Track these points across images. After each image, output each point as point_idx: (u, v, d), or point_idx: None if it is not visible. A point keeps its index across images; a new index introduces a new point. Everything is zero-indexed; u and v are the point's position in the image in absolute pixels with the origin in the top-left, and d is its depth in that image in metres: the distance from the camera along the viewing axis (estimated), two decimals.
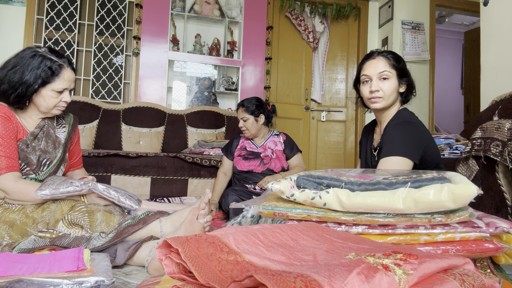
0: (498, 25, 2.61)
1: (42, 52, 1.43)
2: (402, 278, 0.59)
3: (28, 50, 1.43)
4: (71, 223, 1.31)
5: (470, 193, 0.79)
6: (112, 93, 3.75)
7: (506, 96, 2.24)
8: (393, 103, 1.53)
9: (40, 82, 1.40)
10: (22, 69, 1.39)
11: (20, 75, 1.38)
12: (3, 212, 1.34)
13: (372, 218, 0.88)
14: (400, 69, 1.50)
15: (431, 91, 4.23)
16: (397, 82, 1.50)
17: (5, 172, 1.35)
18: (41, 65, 1.40)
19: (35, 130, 1.50)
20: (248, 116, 2.45)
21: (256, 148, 2.53)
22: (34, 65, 1.39)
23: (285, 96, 4.27)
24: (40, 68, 1.39)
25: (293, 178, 1.02)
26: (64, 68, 1.45)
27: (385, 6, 4.32)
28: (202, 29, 4.07)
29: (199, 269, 0.61)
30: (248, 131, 2.48)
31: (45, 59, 1.41)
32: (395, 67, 1.49)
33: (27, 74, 1.38)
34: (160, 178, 2.72)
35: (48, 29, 3.56)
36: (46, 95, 1.44)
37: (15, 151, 1.40)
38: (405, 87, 1.53)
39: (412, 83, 1.55)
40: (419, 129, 1.45)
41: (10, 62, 1.41)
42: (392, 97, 1.50)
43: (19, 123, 1.46)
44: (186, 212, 1.39)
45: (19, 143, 1.44)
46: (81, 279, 0.91)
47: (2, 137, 1.37)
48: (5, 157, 1.36)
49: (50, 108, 1.48)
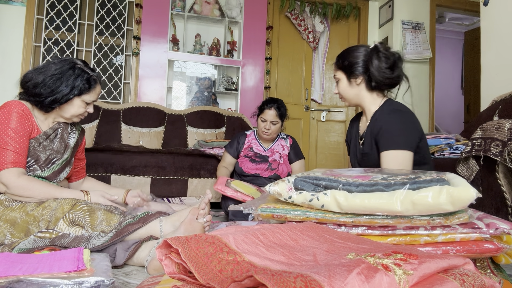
0: (498, 25, 2.61)
1: (81, 66, 1.55)
2: (402, 278, 0.58)
3: (67, 61, 1.54)
4: (72, 222, 1.31)
5: (469, 196, 0.78)
6: (112, 93, 3.75)
7: (506, 96, 2.24)
8: (359, 96, 1.55)
9: (77, 92, 1.51)
10: (63, 78, 1.49)
11: (60, 83, 1.48)
12: (4, 210, 1.34)
13: (371, 219, 0.88)
14: (346, 68, 1.54)
15: (431, 91, 4.23)
16: (346, 80, 1.55)
17: (10, 167, 1.39)
18: (80, 77, 1.52)
19: (48, 131, 1.56)
20: (278, 120, 2.42)
21: (263, 150, 2.49)
22: (73, 76, 1.50)
23: (285, 96, 4.27)
24: (79, 80, 1.51)
25: (290, 180, 1.01)
26: (97, 83, 1.59)
27: (385, 6, 4.32)
28: (202, 29, 4.07)
29: (199, 269, 0.61)
30: (271, 134, 2.43)
31: (83, 73, 1.53)
32: (341, 68, 1.56)
33: (66, 83, 1.49)
34: (160, 178, 2.71)
35: (48, 29, 3.56)
36: (75, 104, 1.54)
37: (24, 148, 1.44)
38: (361, 78, 1.52)
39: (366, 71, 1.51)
40: (412, 117, 1.45)
41: (50, 69, 1.49)
42: (350, 92, 1.55)
43: (34, 122, 1.52)
44: (186, 212, 1.39)
45: (31, 141, 1.49)
46: (81, 279, 0.91)
47: (16, 132, 1.42)
48: (13, 152, 1.40)
49: (75, 116, 1.58)
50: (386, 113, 1.45)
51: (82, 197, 1.45)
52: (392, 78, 1.50)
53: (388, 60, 1.48)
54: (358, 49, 1.53)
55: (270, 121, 2.40)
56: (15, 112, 1.44)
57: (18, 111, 1.45)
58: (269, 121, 2.40)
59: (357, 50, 1.53)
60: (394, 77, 1.50)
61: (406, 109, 1.49)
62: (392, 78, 1.50)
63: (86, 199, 1.46)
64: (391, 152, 1.38)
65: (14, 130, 1.42)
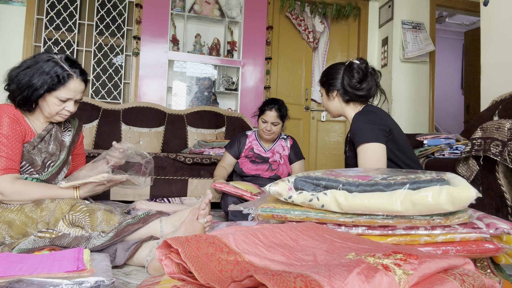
0: (498, 25, 2.61)
1: (57, 59, 1.42)
2: (402, 278, 0.58)
3: (45, 55, 1.43)
4: (71, 223, 1.30)
5: (469, 196, 0.79)
6: (112, 93, 3.75)
7: (506, 96, 2.24)
8: (338, 108, 1.70)
9: (46, 88, 1.39)
10: (32, 72, 1.38)
11: (29, 78, 1.38)
12: (2, 211, 1.34)
13: (371, 219, 0.88)
14: (325, 83, 1.71)
15: (431, 91, 4.23)
16: (325, 94, 1.73)
17: (2, 173, 1.35)
18: (51, 71, 1.39)
19: (42, 133, 1.50)
20: (279, 122, 2.42)
21: (264, 151, 2.48)
22: (45, 70, 1.39)
23: (285, 96, 4.27)
24: (49, 74, 1.38)
25: (290, 180, 1.01)
26: (73, 79, 1.43)
27: (385, 6, 4.32)
28: (202, 29, 4.07)
29: (199, 269, 0.61)
30: (272, 135, 2.43)
31: (56, 66, 1.40)
32: (322, 84, 1.73)
33: (35, 78, 1.38)
34: (160, 178, 2.71)
35: (48, 29, 3.56)
36: (49, 102, 1.43)
37: (17, 153, 1.40)
38: (335, 93, 1.66)
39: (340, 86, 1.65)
40: (378, 115, 1.56)
41: (25, 63, 1.41)
42: (330, 105, 1.72)
43: (27, 125, 1.46)
44: (186, 212, 1.39)
45: (25, 145, 1.44)
46: (81, 279, 0.91)
47: (7, 137, 1.38)
48: (5, 158, 1.37)
49: (52, 114, 1.47)
50: (356, 116, 1.59)
51: (73, 195, 1.44)
52: (362, 89, 1.62)
53: (358, 74, 1.61)
54: (337, 66, 1.69)
55: (271, 122, 2.40)
56: (5, 117, 1.39)
57: (8, 116, 1.40)
58: (270, 122, 2.40)
59: (336, 67, 1.69)
60: (364, 88, 1.61)
61: (375, 109, 1.61)
62: (362, 89, 1.61)
63: (75, 195, 1.44)
64: (361, 146, 1.49)
65: (5, 136, 1.37)
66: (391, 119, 1.62)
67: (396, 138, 1.55)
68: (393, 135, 1.54)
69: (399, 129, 1.62)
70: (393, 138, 1.54)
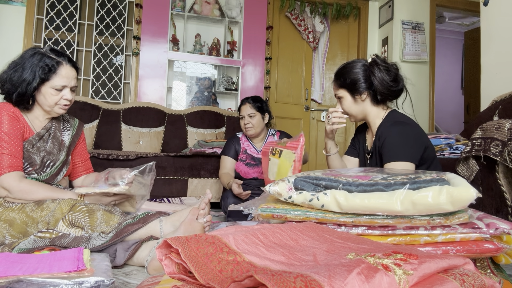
0: (498, 25, 2.61)
1: (42, 51, 1.45)
2: (402, 278, 0.58)
3: (30, 50, 1.46)
4: (71, 223, 1.30)
5: (469, 196, 0.78)
6: (112, 93, 3.75)
7: (506, 96, 2.24)
8: (364, 111, 1.57)
9: (39, 80, 1.41)
10: (22, 68, 1.41)
11: (20, 73, 1.40)
12: (4, 211, 1.34)
13: (371, 219, 0.88)
14: (349, 85, 1.56)
15: (431, 91, 4.23)
16: (350, 97, 1.57)
17: (8, 171, 1.37)
18: (40, 63, 1.41)
19: (41, 131, 1.51)
20: (255, 113, 2.39)
21: (257, 152, 2.46)
22: (33, 63, 1.41)
23: (285, 96, 4.27)
24: (38, 66, 1.41)
25: (290, 180, 1.01)
26: (62, 65, 1.45)
27: (385, 6, 4.32)
28: (202, 29, 4.07)
29: (199, 269, 0.61)
30: (253, 129, 2.39)
31: (44, 57, 1.42)
32: (343, 86, 1.57)
33: (26, 73, 1.40)
34: (160, 178, 2.71)
35: (48, 29, 3.56)
36: (46, 93, 1.44)
37: (19, 150, 1.41)
38: (366, 94, 1.54)
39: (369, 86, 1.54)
40: (415, 129, 1.47)
41: (13, 63, 1.45)
42: (356, 109, 1.57)
43: (26, 123, 1.47)
44: (186, 212, 1.39)
45: (24, 143, 1.45)
46: (81, 279, 0.91)
47: (9, 135, 1.39)
48: (9, 155, 1.38)
49: (52, 106, 1.48)
50: (388, 126, 1.48)
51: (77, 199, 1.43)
52: (397, 90, 1.54)
53: (390, 73, 1.51)
54: (356, 65, 1.55)
55: (247, 115, 2.39)
56: (5, 115, 1.41)
57: (8, 113, 1.41)
58: (246, 115, 2.39)
59: (356, 66, 1.55)
60: (399, 89, 1.55)
61: (409, 121, 1.51)
62: (396, 90, 1.54)
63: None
64: (392, 164, 1.40)
65: (7, 134, 1.39)
66: (425, 134, 1.52)
67: (430, 156, 1.47)
68: (427, 153, 1.46)
69: (432, 146, 1.53)
70: (427, 156, 1.46)
